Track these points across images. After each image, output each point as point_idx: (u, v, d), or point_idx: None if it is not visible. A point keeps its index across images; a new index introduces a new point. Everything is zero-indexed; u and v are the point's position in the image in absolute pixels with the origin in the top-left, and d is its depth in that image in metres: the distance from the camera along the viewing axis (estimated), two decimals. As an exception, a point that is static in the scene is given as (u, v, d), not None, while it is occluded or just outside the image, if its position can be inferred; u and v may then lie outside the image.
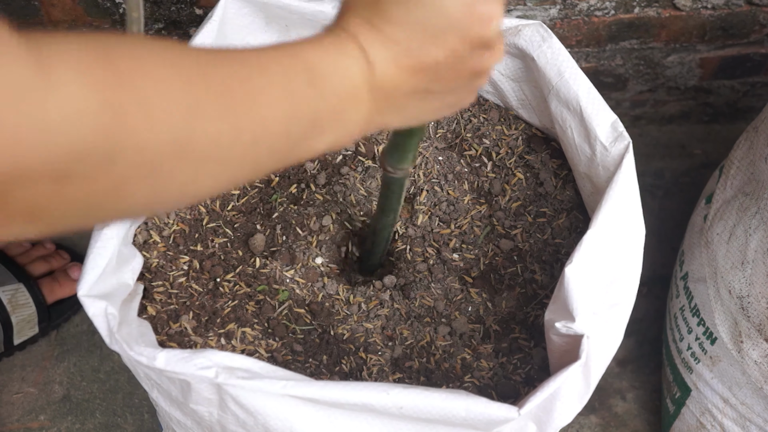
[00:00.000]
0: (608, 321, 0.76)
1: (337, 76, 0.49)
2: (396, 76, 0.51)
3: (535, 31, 0.89)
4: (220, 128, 0.44)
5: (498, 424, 0.71)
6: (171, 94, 0.41)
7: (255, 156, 0.47)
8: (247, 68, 0.46)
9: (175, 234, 0.89)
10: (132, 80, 0.40)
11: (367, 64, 0.50)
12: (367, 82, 0.50)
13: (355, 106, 0.51)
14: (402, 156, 0.70)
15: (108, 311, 0.72)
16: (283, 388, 0.68)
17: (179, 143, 0.42)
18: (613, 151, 0.83)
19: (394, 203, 0.79)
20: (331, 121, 0.50)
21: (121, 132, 0.39)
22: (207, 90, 0.43)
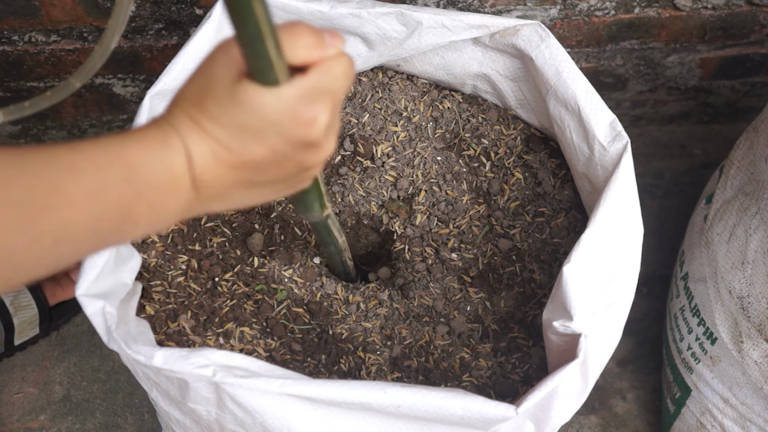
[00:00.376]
0: (606, 320, 0.76)
1: (157, 171, 0.51)
2: (215, 169, 0.52)
3: (534, 31, 0.89)
4: (17, 239, 0.45)
5: (495, 423, 0.71)
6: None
7: (56, 256, 0.49)
8: (56, 172, 0.47)
9: (174, 234, 0.89)
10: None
11: (186, 157, 0.51)
12: (189, 174, 0.52)
13: (175, 196, 0.52)
14: (307, 207, 0.72)
15: (106, 310, 0.72)
16: (280, 387, 0.68)
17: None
18: (611, 151, 0.83)
19: (327, 238, 0.82)
20: (146, 213, 0.51)
21: None
22: (8, 202, 0.45)
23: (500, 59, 0.94)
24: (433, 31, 0.91)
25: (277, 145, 0.52)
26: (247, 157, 0.52)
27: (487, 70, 0.95)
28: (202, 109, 0.51)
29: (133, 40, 1.18)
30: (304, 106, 0.51)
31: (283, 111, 0.51)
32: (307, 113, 0.51)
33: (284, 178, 0.56)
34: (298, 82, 0.51)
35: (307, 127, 0.52)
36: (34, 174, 0.46)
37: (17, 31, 1.15)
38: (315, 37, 0.51)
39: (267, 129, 0.51)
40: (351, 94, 0.98)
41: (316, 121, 0.52)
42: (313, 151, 0.54)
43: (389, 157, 0.96)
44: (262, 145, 0.52)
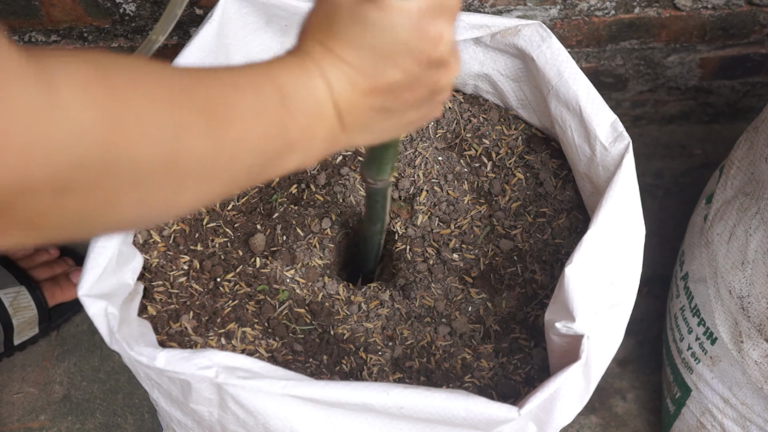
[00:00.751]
0: (608, 321, 0.76)
1: (304, 95, 0.51)
2: (353, 95, 0.52)
3: (535, 31, 0.89)
4: (203, 145, 0.46)
5: (498, 424, 0.71)
6: (161, 112, 0.43)
7: (232, 173, 0.49)
8: (224, 88, 0.48)
9: (176, 234, 0.89)
10: (127, 98, 0.42)
11: (325, 84, 0.52)
12: (330, 101, 0.52)
13: (322, 123, 0.52)
14: (380, 168, 0.72)
15: (108, 311, 0.72)
16: (283, 388, 0.68)
17: (167, 158, 0.44)
18: (612, 151, 0.83)
19: (380, 212, 0.81)
20: (300, 139, 0.52)
21: (118, 146, 0.41)
22: (191, 109, 0.45)
23: (501, 59, 0.94)
24: (434, 32, 0.91)
25: (409, 65, 0.52)
26: (381, 80, 0.52)
27: (488, 70, 0.95)
28: (331, 33, 0.51)
29: (133, 40, 1.17)
30: (429, 22, 0.51)
31: (411, 28, 0.50)
32: (432, 29, 0.51)
33: (419, 103, 0.56)
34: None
35: (435, 43, 0.52)
36: (209, 89, 0.47)
37: (17, 31, 1.14)
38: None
39: (398, 49, 0.51)
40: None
41: (442, 37, 0.52)
42: (442, 71, 0.54)
43: (390, 157, 0.96)
44: (396, 67, 0.52)
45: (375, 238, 0.87)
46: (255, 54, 0.95)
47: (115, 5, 1.11)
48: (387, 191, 0.78)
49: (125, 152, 0.41)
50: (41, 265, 1.24)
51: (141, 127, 0.42)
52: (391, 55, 0.51)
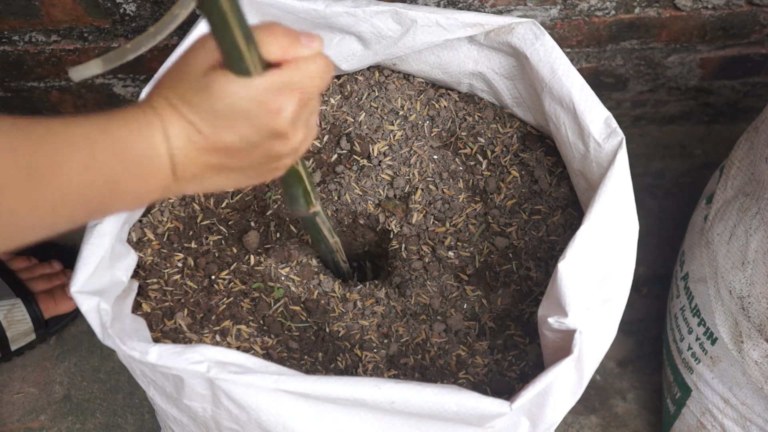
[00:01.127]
0: (601, 316, 0.76)
1: (139, 147, 0.55)
2: (190, 152, 0.56)
3: (528, 29, 0.89)
4: (21, 202, 0.49)
5: (490, 419, 0.71)
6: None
7: (51, 222, 0.52)
8: (53, 143, 0.51)
9: (170, 231, 0.89)
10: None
11: (166, 138, 0.56)
12: (167, 153, 0.56)
13: (154, 174, 0.56)
14: (291, 201, 0.76)
15: (101, 307, 0.72)
16: (275, 383, 0.68)
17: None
18: (606, 148, 0.83)
19: (317, 235, 0.85)
20: (130, 188, 0.56)
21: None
22: (13, 166, 0.48)
23: (495, 57, 0.94)
24: (428, 30, 0.91)
25: (245, 132, 0.56)
26: (218, 142, 0.56)
27: (482, 68, 0.95)
28: (178, 94, 0.55)
29: (132, 41, 1.18)
30: (271, 97, 0.55)
31: (252, 100, 0.55)
32: (273, 103, 0.55)
33: (255, 165, 0.60)
34: (268, 74, 0.55)
35: (274, 116, 0.56)
36: (36, 142, 0.50)
37: (18, 31, 1.15)
38: (290, 37, 0.56)
39: (236, 116, 0.55)
40: (347, 93, 0.99)
41: (282, 111, 0.56)
42: (280, 141, 0.58)
43: (386, 155, 0.96)
44: (232, 132, 0.56)
45: (328, 257, 0.90)
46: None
47: (116, 5, 1.11)
48: (315, 219, 0.81)
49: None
50: (40, 278, 1.24)
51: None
52: (229, 120, 0.55)
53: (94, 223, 0.76)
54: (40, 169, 0.49)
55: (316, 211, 0.80)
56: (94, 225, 0.76)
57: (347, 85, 0.99)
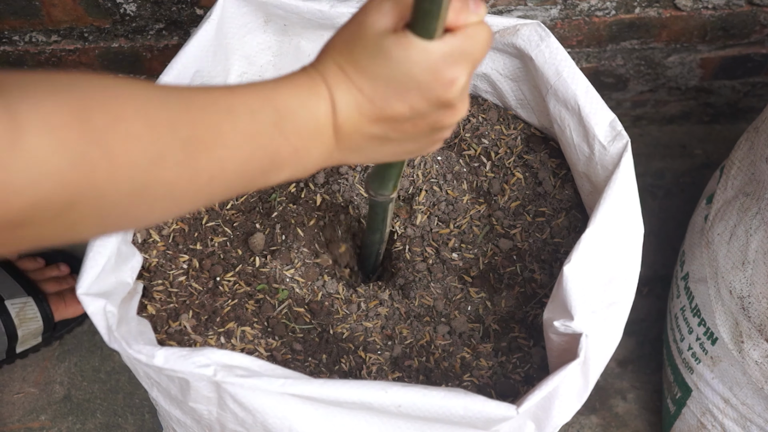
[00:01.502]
0: (607, 319, 0.76)
1: (304, 117, 0.53)
2: (357, 121, 0.54)
3: (533, 31, 0.89)
4: (179, 173, 0.47)
5: (496, 423, 0.71)
6: (137, 148, 0.44)
7: (208, 192, 0.51)
8: (216, 113, 0.49)
9: (175, 233, 0.89)
10: (103, 140, 0.42)
11: (332, 106, 0.54)
12: (331, 122, 0.54)
13: (317, 144, 0.54)
14: (382, 183, 0.74)
15: (107, 309, 0.72)
16: (281, 387, 0.68)
17: (137, 189, 0.45)
18: (611, 150, 0.83)
19: (379, 224, 0.83)
20: (290, 158, 0.54)
21: (85, 184, 0.42)
22: (173, 139, 0.47)
23: (500, 59, 0.94)
24: (432, 31, 0.91)
25: (416, 102, 0.54)
26: (388, 111, 0.54)
27: (487, 69, 0.95)
28: (350, 58, 0.53)
29: (133, 40, 1.18)
30: (446, 66, 0.53)
31: (427, 68, 0.52)
32: (448, 73, 0.53)
33: (417, 137, 0.58)
34: (446, 41, 0.52)
35: (447, 87, 0.53)
36: (197, 114, 0.48)
37: (18, 31, 1.15)
38: (462, 2, 0.53)
39: (410, 85, 0.53)
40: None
41: (456, 82, 0.53)
42: (448, 112, 0.56)
43: (390, 156, 0.96)
44: (403, 102, 0.53)
45: (373, 247, 0.89)
46: (253, 53, 0.95)
47: (116, 5, 1.11)
48: (388, 206, 0.80)
49: (92, 189, 0.42)
50: (50, 279, 1.24)
51: (113, 167, 0.43)
52: (402, 89, 0.53)
53: None
54: (200, 141, 0.48)
55: (393, 197, 0.79)
56: None
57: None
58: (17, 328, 1.17)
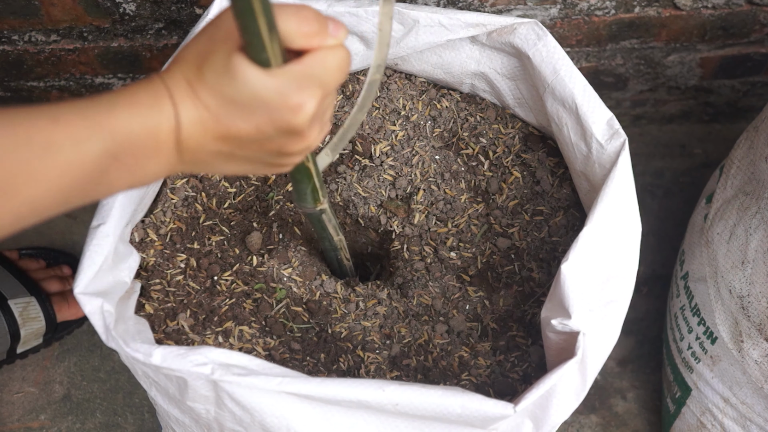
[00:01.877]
0: (604, 318, 0.76)
1: (141, 137, 0.52)
2: (201, 138, 0.54)
3: (531, 30, 0.89)
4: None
5: (494, 421, 0.71)
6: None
7: (27, 221, 0.51)
8: (29, 150, 0.49)
9: (172, 232, 0.89)
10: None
11: (175, 122, 0.53)
12: (174, 138, 0.53)
13: (155, 161, 0.54)
14: (299, 197, 0.75)
15: (104, 308, 0.72)
16: (279, 385, 0.68)
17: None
18: (609, 149, 0.83)
19: (321, 233, 0.84)
20: (124, 176, 0.54)
21: None
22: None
23: (498, 58, 0.94)
24: (430, 30, 0.91)
25: (262, 125, 0.53)
26: (233, 130, 0.53)
27: (484, 68, 0.95)
28: (199, 74, 0.52)
29: (133, 40, 1.18)
30: (293, 91, 0.52)
31: (273, 92, 0.52)
32: (294, 98, 0.52)
33: (264, 159, 0.57)
34: (291, 67, 0.52)
35: (293, 113, 0.53)
36: (4, 154, 0.48)
37: (17, 31, 1.15)
38: (319, 24, 0.52)
39: (255, 106, 0.52)
40: (349, 92, 0.99)
41: (303, 109, 0.53)
42: (295, 139, 0.55)
43: (388, 156, 0.96)
44: (249, 122, 0.53)
45: (331, 254, 0.90)
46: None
47: (115, 5, 1.11)
48: (320, 216, 0.80)
49: None
50: (53, 280, 1.24)
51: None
52: (248, 110, 0.52)
53: (97, 223, 0.76)
54: (9, 184, 0.48)
55: (323, 209, 0.79)
56: (97, 226, 0.76)
57: (349, 85, 0.99)
58: (20, 327, 1.17)
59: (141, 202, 0.85)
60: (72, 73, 1.24)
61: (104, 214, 0.76)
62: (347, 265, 0.92)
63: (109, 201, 0.77)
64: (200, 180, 0.93)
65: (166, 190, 0.91)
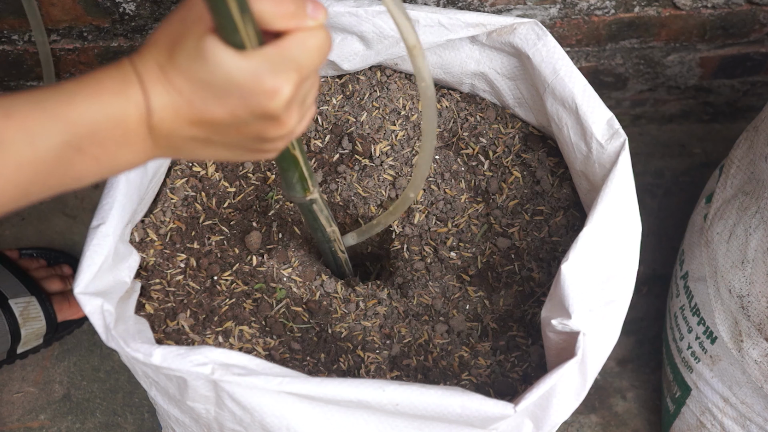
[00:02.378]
0: (604, 318, 0.76)
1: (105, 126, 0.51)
2: (174, 123, 0.52)
3: (530, 30, 0.89)
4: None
5: (494, 421, 0.71)
6: None
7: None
8: None
9: (172, 232, 0.89)
10: None
11: (145, 108, 0.51)
12: (145, 124, 0.52)
13: (126, 149, 0.53)
14: (288, 186, 0.73)
15: (104, 308, 0.72)
16: (279, 385, 0.68)
17: None
18: (609, 149, 0.83)
19: (312, 223, 0.82)
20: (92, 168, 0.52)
21: None
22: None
23: (498, 58, 0.94)
24: (430, 30, 0.91)
25: (236, 110, 0.51)
26: (207, 115, 0.52)
27: (484, 68, 0.95)
28: (171, 58, 0.51)
29: (132, 40, 1.18)
30: (268, 75, 0.50)
31: (247, 75, 0.50)
32: (269, 82, 0.50)
33: (243, 144, 0.55)
34: (266, 49, 0.50)
35: (268, 97, 0.51)
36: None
37: (17, 31, 1.15)
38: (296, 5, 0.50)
39: (229, 90, 0.50)
40: (349, 92, 0.99)
41: (278, 93, 0.51)
42: (273, 124, 0.53)
43: (387, 155, 0.96)
44: (223, 107, 0.51)
45: (323, 246, 0.88)
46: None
47: (115, 4, 1.11)
48: (311, 206, 0.79)
49: None
50: (53, 279, 1.24)
51: None
52: (222, 94, 0.50)
53: (97, 223, 0.76)
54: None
55: (312, 198, 0.77)
56: (97, 226, 0.76)
57: (349, 84, 0.99)
58: (21, 327, 1.17)
59: (141, 202, 0.85)
60: (72, 73, 1.24)
61: (104, 214, 0.76)
62: (342, 257, 0.90)
63: (109, 201, 0.77)
64: (200, 180, 0.93)
65: (166, 190, 0.91)
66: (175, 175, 0.92)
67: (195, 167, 0.93)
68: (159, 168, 0.87)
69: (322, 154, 0.97)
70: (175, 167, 0.92)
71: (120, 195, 0.78)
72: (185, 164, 0.93)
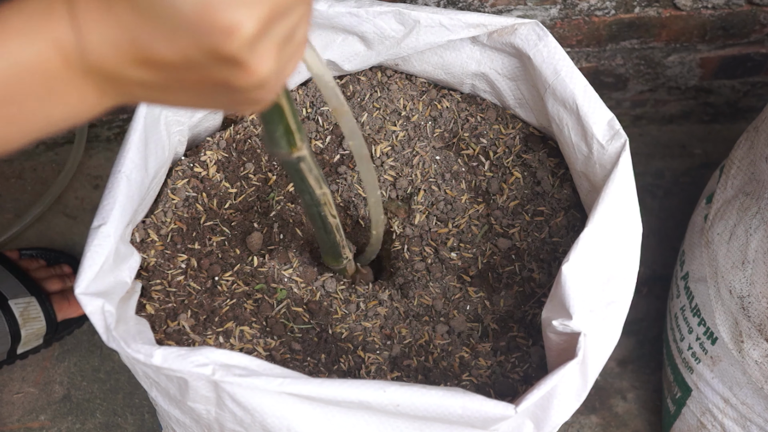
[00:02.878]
0: (605, 318, 0.76)
1: (16, 74, 0.41)
2: (116, 63, 0.42)
3: (531, 30, 0.89)
4: None
5: (495, 422, 0.71)
6: None
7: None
8: None
9: (173, 232, 0.89)
10: None
11: (76, 45, 0.41)
12: (77, 67, 0.42)
13: (56, 99, 0.43)
14: (271, 141, 0.64)
15: (105, 309, 0.72)
16: (279, 386, 0.68)
17: None
18: (609, 149, 0.83)
19: (299, 183, 0.72)
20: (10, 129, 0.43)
21: None
22: None
23: (498, 58, 0.94)
24: (431, 30, 0.91)
25: (187, 50, 0.40)
26: (154, 55, 0.41)
27: (485, 69, 0.95)
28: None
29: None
30: (222, 9, 0.39)
31: (197, 6, 0.38)
32: (224, 17, 0.39)
33: (208, 93, 0.44)
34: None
35: (225, 36, 0.39)
36: None
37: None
38: None
39: (176, 25, 0.39)
40: (350, 93, 0.99)
41: (236, 31, 0.39)
42: (236, 70, 0.42)
43: (388, 156, 0.96)
44: (171, 45, 0.40)
45: (311, 210, 0.76)
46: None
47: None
48: (298, 165, 0.68)
49: None
50: (53, 279, 1.23)
51: None
52: (171, 30, 0.40)
53: (98, 224, 0.76)
54: None
55: (300, 156, 0.66)
56: (97, 226, 0.76)
57: (350, 85, 0.99)
58: (21, 327, 1.17)
59: (142, 203, 0.85)
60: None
61: (105, 214, 0.76)
62: (333, 222, 0.79)
63: (110, 201, 0.77)
64: (201, 180, 0.93)
65: (167, 190, 0.91)
66: (177, 175, 0.92)
67: (196, 168, 0.93)
68: (160, 168, 0.87)
69: (323, 154, 0.97)
70: (177, 168, 0.92)
71: (121, 195, 0.78)
72: (187, 165, 0.93)
